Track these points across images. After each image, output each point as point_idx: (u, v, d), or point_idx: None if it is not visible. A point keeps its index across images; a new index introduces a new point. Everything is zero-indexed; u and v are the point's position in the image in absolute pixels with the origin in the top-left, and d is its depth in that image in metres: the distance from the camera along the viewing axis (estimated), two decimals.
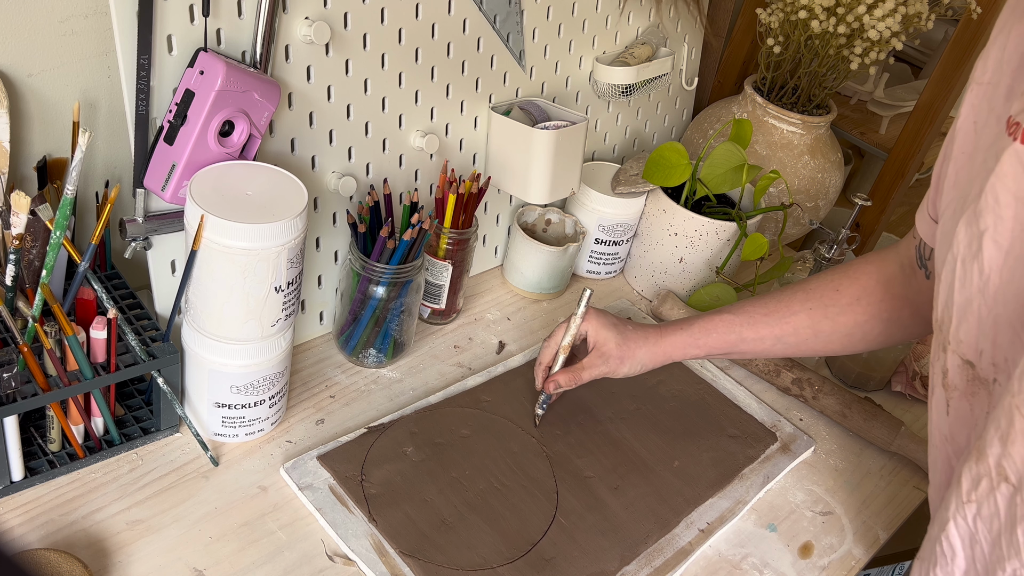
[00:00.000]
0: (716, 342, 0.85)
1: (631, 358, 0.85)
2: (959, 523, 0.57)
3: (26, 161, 0.78)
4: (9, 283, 0.72)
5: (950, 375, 0.61)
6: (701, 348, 0.86)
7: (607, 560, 0.78)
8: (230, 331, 0.74)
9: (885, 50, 1.11)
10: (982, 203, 0.55)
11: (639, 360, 0.86)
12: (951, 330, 0.60)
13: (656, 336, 0.86)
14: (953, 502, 0.57)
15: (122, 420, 0.80)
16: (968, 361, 0.59)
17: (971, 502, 0.55)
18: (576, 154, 1.01)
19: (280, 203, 0.71)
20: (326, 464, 0.80)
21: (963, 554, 0.57)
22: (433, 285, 0.99)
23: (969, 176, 0.60)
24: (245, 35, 0.76)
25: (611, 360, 0.85)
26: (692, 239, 1.08)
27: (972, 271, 0.57)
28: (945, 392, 0.62)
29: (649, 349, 0.86)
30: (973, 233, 0.56)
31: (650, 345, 0.86)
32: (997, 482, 0.53)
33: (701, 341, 0.85)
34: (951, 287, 0.59)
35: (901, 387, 1.06)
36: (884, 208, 1.43)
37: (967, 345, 0.58)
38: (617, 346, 0.85)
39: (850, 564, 0.84)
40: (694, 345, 0.85)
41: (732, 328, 0.84)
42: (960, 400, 0.61)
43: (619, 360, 0.85)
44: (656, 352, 0.86)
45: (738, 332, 0.84)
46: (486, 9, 0.94)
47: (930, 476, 0.69)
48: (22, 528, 0.71)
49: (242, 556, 0.73)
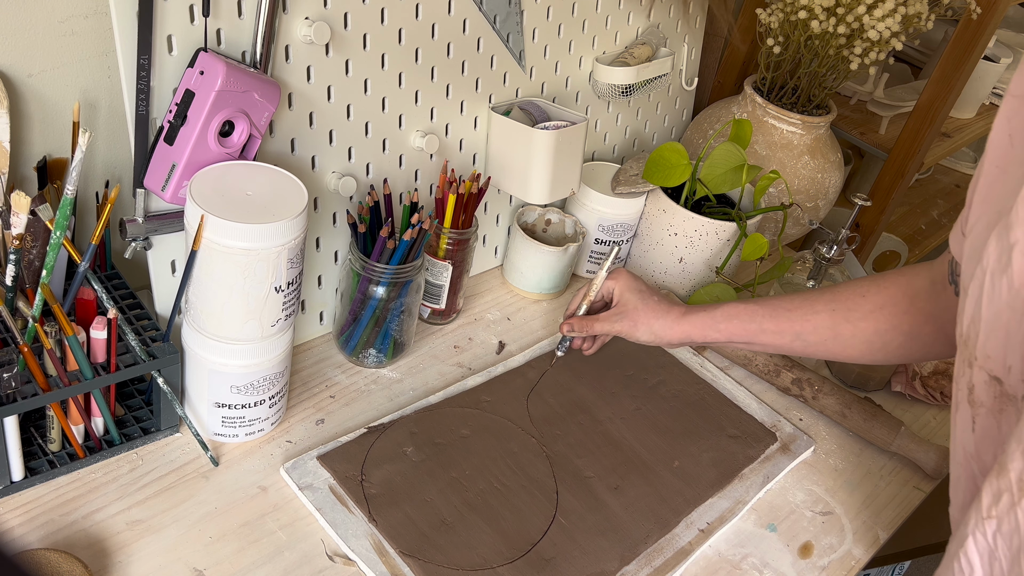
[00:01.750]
0: (737, 329, 0.85)
1: (645, 324, 0.88)
2: (978, 539, 0.55)
3: (26, 161, 0.78)
4: (9, 283, 0.72)
5: (976, 391, 0.59)
6: (721, 333, 0.86)
7: (607, 560, 0.78)
8: (230, 331, 0.74)
9: (885, 50, 1.11)
10: (1013, 216, 0.54)
11: (654, 330, 0.87)
12: (978, 345, 0.58)
13: (678, 313, 0.88)
14: (973, 517, 0.56)
15: (122, 420, 0.80)
16: (995, 377, 0.57)
17: (991, 518, 0.54)
18: (576, 154, 1.01)
19: (280, 203, 0.71)
20: (326, 464, 0.80)
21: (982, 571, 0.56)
22: (433, 285, 0.99)
23: (1004, 190, 0.58)
24: (245, 35, 0.76)
25: (624, 320, 0.88)
26: (692, 239, 1.08)
27: (1001, 285, 0.55)
28: (971, 409, 0.60)
29: (667, 323, 0.87)
30: (1003, 246, 0.54)
31: (670, 320, 0.87)
32: (1018, 497, 0.52)
33: (722, 326, 0.86)
34: (978, 301, 0.57)
35: (901, 387, 1.06)
36: (884, 208, 1.43)
37: (994, 360, 0.57)
38: (634, 309, 0.88)
39: (850, 564, 0.84)
40: (714, 328, 0.86)
41: (754, 317, 0.85)
42: (987, 417, 0.59)
43: (632, 323, 0.88)
44: (674, 328, 0.87)
45: (759, 322, 0.84)
46: (486, 9, 0.94)
47: (951, 494, 0.67)
48: (22, 528, 0.71)
49: (242, 556, 0.73)
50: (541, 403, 0.93)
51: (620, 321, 0.90)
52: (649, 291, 0.90)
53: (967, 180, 2.13)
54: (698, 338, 0.87)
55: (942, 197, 2.03)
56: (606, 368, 1.00)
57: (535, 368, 0.97)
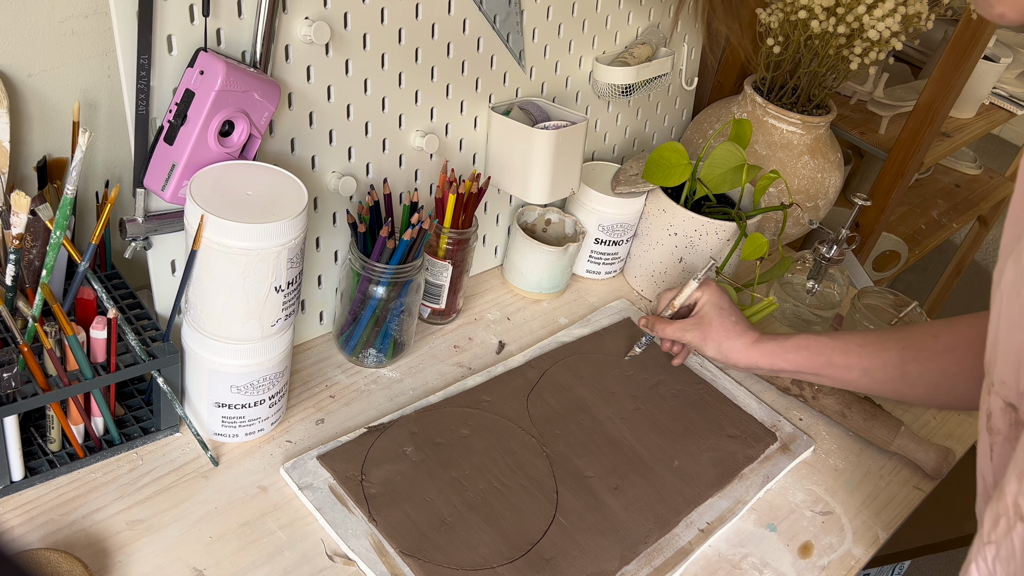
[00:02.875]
0: (805, 360, 0.85)
1: (715, 341, 0.89)
2: (980, 565, 0.54)
3: (26, 161, 0.78)
4: (9, 283, 0.72)
5: (993, 418, 0.58)
6: (789, 363, 0.86)
7: (607, 560, 0.78)
8: (230, 331, 0.74)
9: (885, 50, 1.11)
10: None
11: (722, 349, 0.88)
12: (995, 371, 0.57)
13: (750, 339, 0.88)
14: (976, 543, 0.55)
15: (122, 420, 0.80)
16: (1010, 404, 0.56)
17: (991, 543, 0.53)
18: (576, 154, 1.01)
19: (280, 203, 0.71)
20: (326, 464, 0.80)
21: None
22: (433, 285, 0.99)
23: None
24: (245, 35, 0.76)
25: (696, 331, 0.90)
26: (692, 239, 1.08)
27: (1014, 308, 0.54)
28: (989, 436, 0.59)
29: (737, 345, 0.88)
30: (1019, 269, 0.54)
31: (740, 343, 0.88)
32: (1014, 521, 0.51)
33: (791, 356, 0.86)
34: (996, 326, 0.57)
35: None
36: (884, 208, 1.43)
37: (1008, 387, 0.56)
38: (708, 323, 0.89)
39: (850, 564, 0.84)
40: (782, 358, 0.86)
41: (823, 350, 0.84)
42: (1003, 444, 0.58)
43: (702, 336, 0.89)
44: (742, 353, 0.88)
45: (828, 355, 0.84)
46: (486, 9, 0.94)
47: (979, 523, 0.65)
48: (22, 528, 0.71)
49: (242, 556, 0.73)
50: (541, 403, 0.93)
51: (692, 331, 0.90)
52: (730, 309, 0.90)
53: (967, 180, 2.13)
54: (765, 366, 0.87)
55: (942, 197, 2.03)
56: (606, 368, 1.00)
57: (535, 368, 0.97)
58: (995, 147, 3.60)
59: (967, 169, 2.15)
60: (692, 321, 0.91)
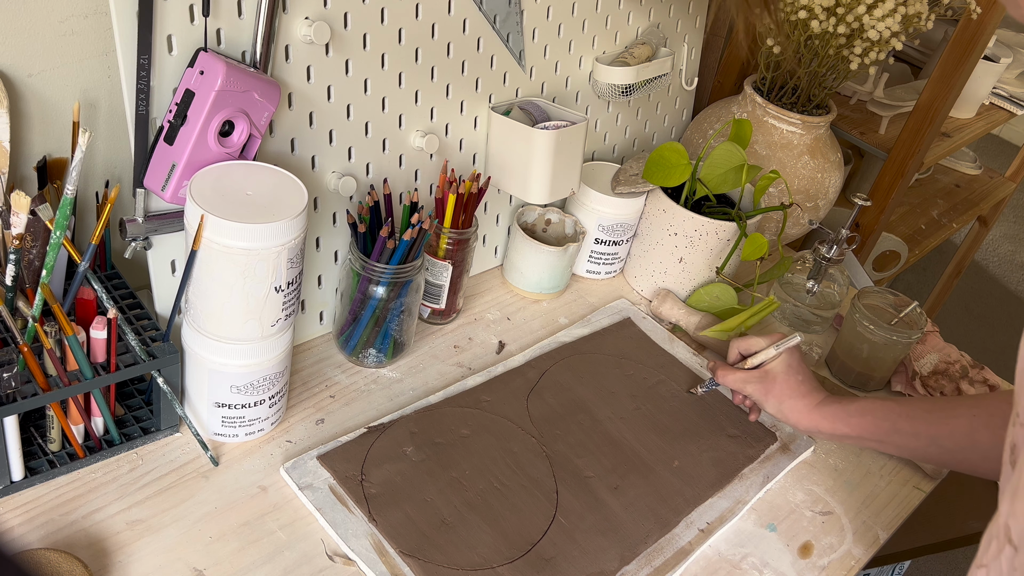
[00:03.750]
0: (869, 425, 0.82)
1: (776, 398, 0.87)
2: None
3: (26, 161, 0.78)
4: (9, 283, 0.72)
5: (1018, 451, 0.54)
6: (852, 428, 0.83)
7: (607, 560, 0.78)
8: (230, 331, 0.74)
9: (885, 50, 1.11)
10: None
11: (783, 408, 0.86)
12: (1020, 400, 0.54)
13: (813, 401, 0.85)
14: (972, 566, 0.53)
15: (122, 420, 0.80)
16: None
17: (983, 565, 0.52)
18: (576, 154, 1.01)
19: (280, 203, 0.71)
20: (326, 464, 0.80)
21: None
22: (433, 285, 0.99)
23: None
24: (245, 35, 0.76)
25: (759, 385, 0.87)
26: (692, 239, 1.08)
27: None
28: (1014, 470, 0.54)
29: (799, 405, 0.85)
30: None
31: (802, 404, 0.85)
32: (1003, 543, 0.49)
33: (854, 420, 0.82)
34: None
35: (901, 387, 1.06)
36: (884, 208, 1.43)
37: None
38: (773, 379, 0.86)
39: (850, 564, 0.84)
40: (845, 423, 0.83)
41: (889, 416, 0.81)
42: None
43: (764, 391, 0.87)
44: (803, 415, 0.85)
45: (894, 421, 0.80)
46: (486, 9, 0.94)
47: None
48: (22, 528, 0.71)
49: (242, 556, 0.73)
50: (541, 403, 0.93)
51: (755, 384, 0.88)
52: (799, 368, 0.88)
53: (967, 180, 2.13)
54: (827, 430, 0.84)
55: (942, 197, 2.03)
56: (606, 368, 1.00)
57: (535, 368, 0.97)
58: (995, 147, 3.60)
59: (967, 169, 2.15)
60: (757, 374, 0.89)
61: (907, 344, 1.02)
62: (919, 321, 1.04)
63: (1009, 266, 3.06)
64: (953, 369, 1.07)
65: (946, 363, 1.08)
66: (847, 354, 1.06)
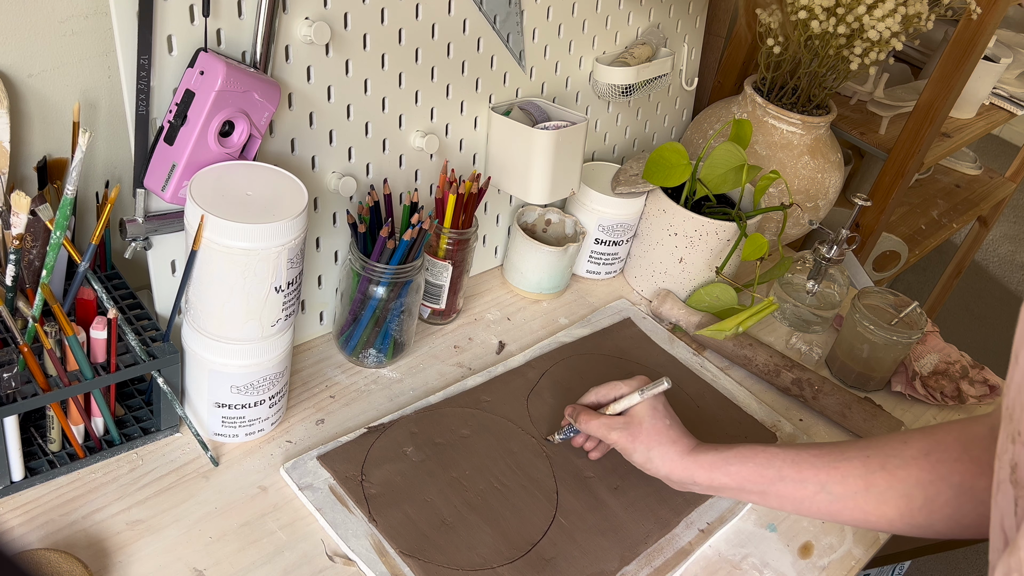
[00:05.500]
0: (750, 474, 0.74)
1: (644, 445, 0.78)
2: None
3: (26, 161, 0.78)
4: (9, 283, 0.72)
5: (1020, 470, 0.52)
6: (731, 477, 0.75)
7: (607, 560, 0.78)
8: (230, 331, 0.74)
9: (885, 50, 1.11)
10: None
11: (652, 456, 0.78)
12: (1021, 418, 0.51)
13: (685, 447, 0.77)
14: None
15: (122, 420, 0.80)
16: None
17: None
18: (576, 154, 1.01)
19: (280, 203, 0.71)
20: (326, 464, 0.80)
21: None
22: (433, 285, 0.99)
23: None
24: (245, 35, 0.76)
25: (624, 432, 0.79)
26: (692, 239, 1.08)
27: None
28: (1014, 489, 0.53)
29: (669, 454, 0.77)
30: None
31: (673, 452, 0.77)
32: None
33: (733, 468, 0.75)
34: None
35: (901, 387, 1.06)
36: (884, 208, 1.43)
37: None
38: (639, 424, 0.79)
39: (850, 564, 0.84)
40: (723, 472, 0.75)
41: (772, 462, 0.74)
42: None
43: (630, 439, 0.79)
44: (675, 463, 0.77)
45: (777, 468, 0.73)
46: (486, 9, 0.94)
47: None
48: (22, 528, 0.71)
49: (242, 556, 0.73)
50: (541, 403, 0.93)
51: (619, 431, 0.79)
52: (665, 412, 0.80)
53: (967, 180, 2.13)
54: (703, 481, 0.76)
55: (942, 197, 2.03)
56: (606, 368, 1.00)
57: (535, 368, 0.97)
58: (995, 147, 3.60)
59: (967, 169, 2.15)
60: (621, 420, 0.80)
61: (907, 344, 1.02)
62: (919, 321, 1.04)
63: (1009, 266, 3.06)
64: (953, 369, 1.07)
65: (946, 363, 1.08)
66: (847, 354, 1.06)
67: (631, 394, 0.81)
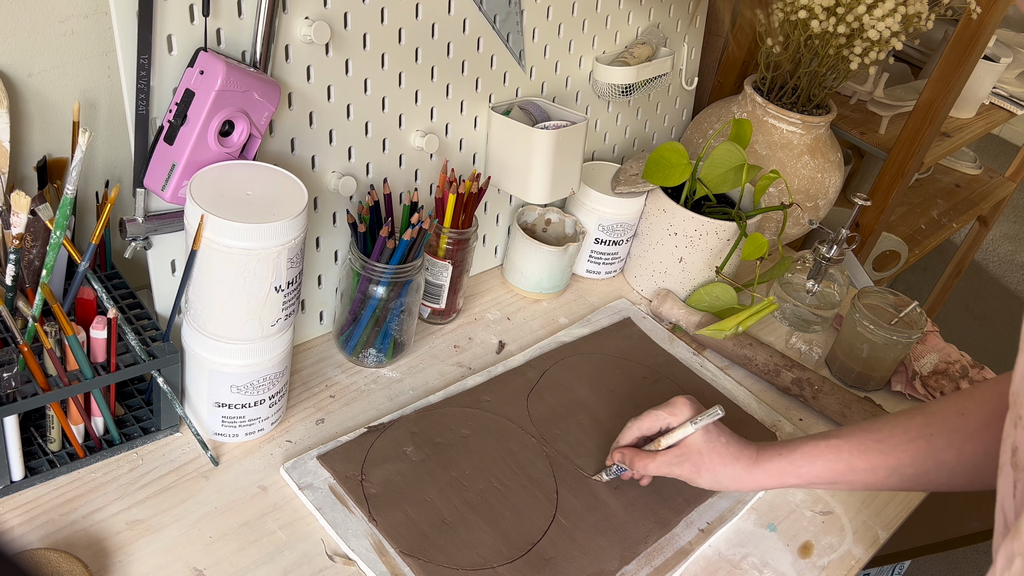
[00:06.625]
0: (820, 471, 0.75)
1: (710, 471, 0.78)
2: None
3: (26, 161, 0.78)
4: (9, 283, 0.72)
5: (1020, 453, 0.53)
6: (802, 477, 0.76)
7: (607, 560, 0.78)
8: (230, 331, 0.74)
9: (885, 50, 1.11)
10: None
11: (719, 479, 0.78)
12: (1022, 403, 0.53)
13: (749, 459, 0.78)
14: None
15: (122, 420, 0.80)
16: None
17: None
18: (576, 154, 1.01)
19: (280, 203, 0.71)
20: (326, 464, 0.80)
21: None
22: (433, 285, 0.99)
23: None
24: (245, 35, 0.76)
25: (686, 464, 0.78)
26: (692, 239, 1.08)
27: None
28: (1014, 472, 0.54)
29: (737, 471, 0.78)
30: None
31: (739, 467, 0.78)
32: None
33: (803, 470, 0.76)
34: None
35: (901, 387, 1.06)
36: (884, 208, 1.43)
37: None
38: (698, 452, 0.78)
39: (850, 564, 0.84)
40: (794, 474, 0.76)
41: (840, 456, 0.75)
42: None
43: (694, 468, 0.78)
44: (744, 478, 0.78)
45: (847, 460, 0.74)
46: (486, 9, 0.94)
47: None
48: (22, 528, 0.71)
49: (242, 556, 0.73)
50: (541, 403, 0.93)
51: (681, 465, 0.78)
52: (717, 432, 0.79)
53: (967, 180, 2.13)
54: (774, 486, 0.78)
55: (942, 197, 2.03)
56: (606, 368, 1.00)
57: (535, 368, 0.97)
58: (995, 147, 3.60)
59: (967, 169, 2.15)
60: (676, 454, 0.79)
61: (907, 344, 1.02)
62: (919, 321, 1.04)
63: (1009, 266, 3.06)
64: (953, 369, 1.07)
65: (946, 363, 1.08)
66: (847, 354, 1.06)
67: (682, 425, 0.79)
